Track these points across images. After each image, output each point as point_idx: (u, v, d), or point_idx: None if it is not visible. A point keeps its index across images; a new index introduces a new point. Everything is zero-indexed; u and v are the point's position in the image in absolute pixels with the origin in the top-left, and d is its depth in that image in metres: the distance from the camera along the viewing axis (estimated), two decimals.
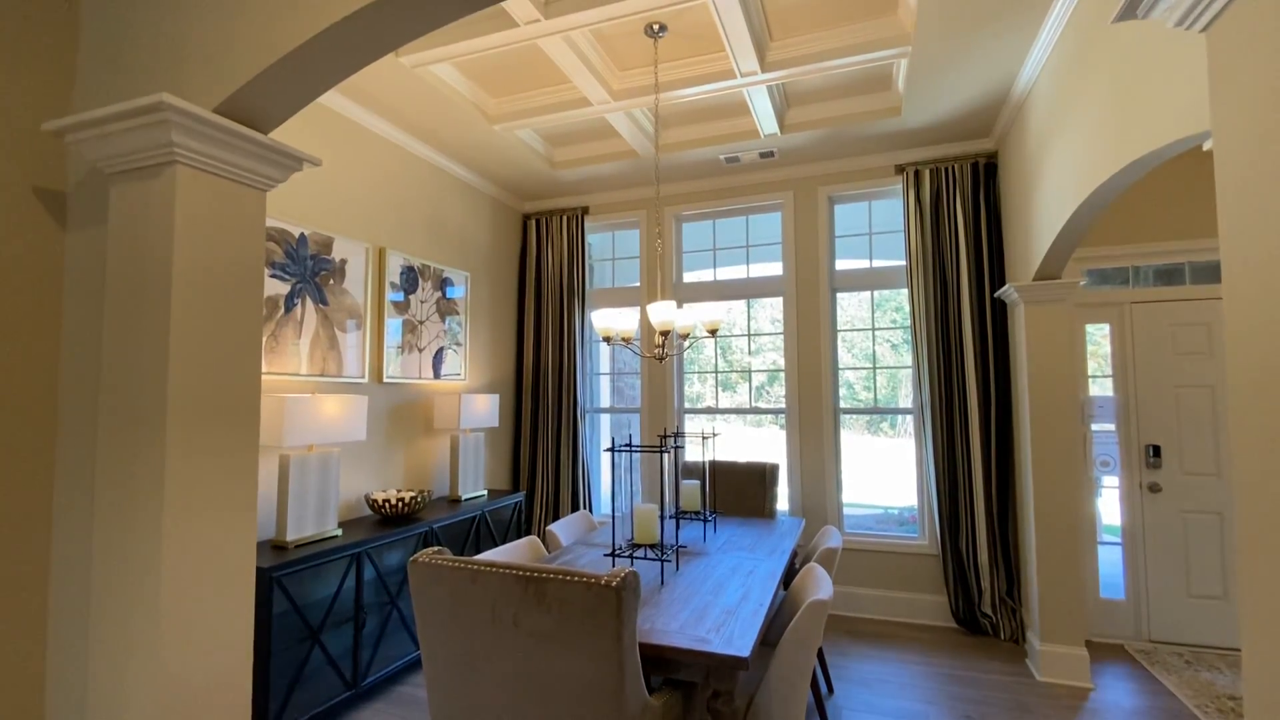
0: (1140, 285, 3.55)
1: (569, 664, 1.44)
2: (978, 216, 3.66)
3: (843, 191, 4.10)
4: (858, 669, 3.15)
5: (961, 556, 3.63)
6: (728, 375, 4.61)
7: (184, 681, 1.17)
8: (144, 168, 1.21)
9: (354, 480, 3.28)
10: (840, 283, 4.15)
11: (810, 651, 1.94)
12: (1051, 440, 3.05)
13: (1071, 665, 2.96)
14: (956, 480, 3.66)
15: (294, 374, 2.93)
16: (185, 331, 1.20)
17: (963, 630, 3.65)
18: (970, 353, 3.61)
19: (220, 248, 1.26)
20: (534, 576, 1.45)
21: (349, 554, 2.71)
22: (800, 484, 4.11)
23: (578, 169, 4.15)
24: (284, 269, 2.89)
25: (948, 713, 2.71)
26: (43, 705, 1.32)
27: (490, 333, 4.50)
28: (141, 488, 1.16)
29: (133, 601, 1.17)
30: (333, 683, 2.64)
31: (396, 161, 3.63)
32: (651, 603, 2.02)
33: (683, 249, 4.62)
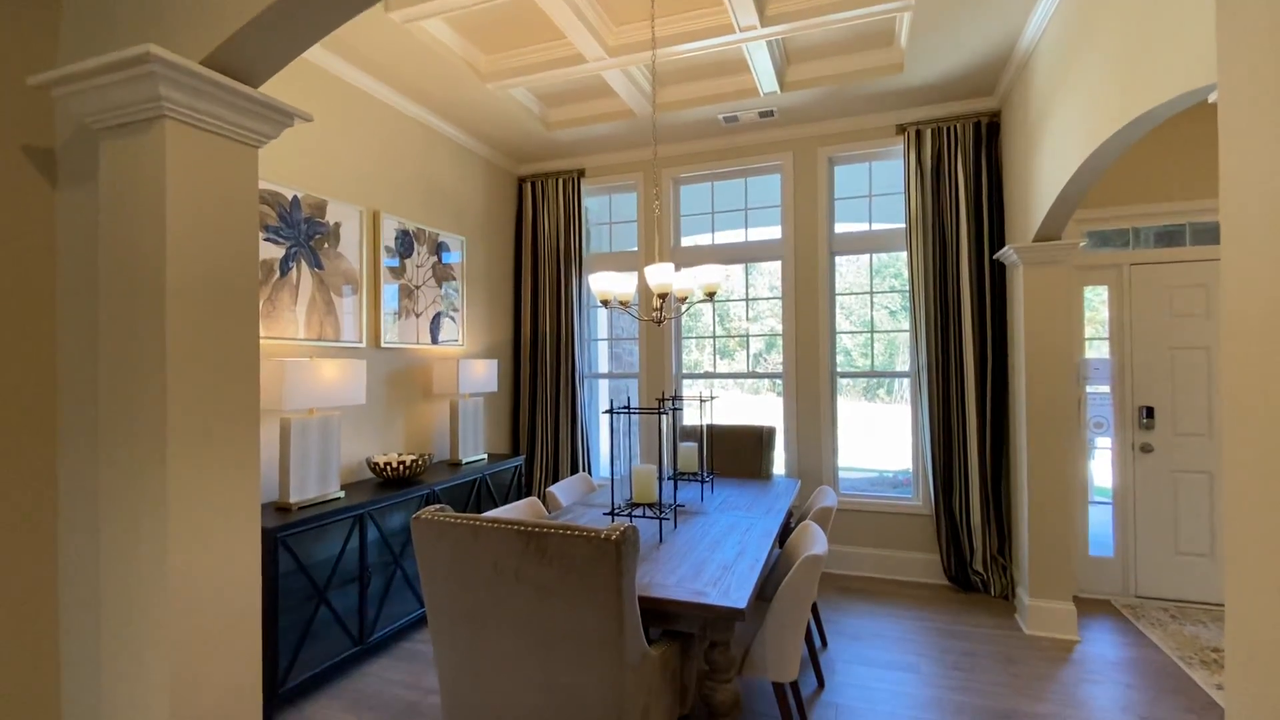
0: (1141, 247, 3.54)
1: (570, 616, 1.48)
2: (979, 177, 3.61)
3: (843, 152, 4.05)
4: (851, 624, 3.24)
5: (955, 516, 3.70)
6: (725, 342, 4.62)
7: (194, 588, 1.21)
8: (133, 123, 1.19)
9: (355, 444, 3.31)
10: (839, 246, 4.12)
11: (805, 605, 1.99)
12: (1046, 402, 3.08)
13: (1059, 619, 3.04)
14: (951, 442, 3.71)
15: (291, 338, 2.92)
16: (181, 290, 1.19)
17: (954, 587, 3.74)
18: (968, 315, 3.61)
19: (214, 204, 1.25)
20: (535, 532, 1.47)
21: (352, 515, 2.75)
22: (796, 448, 4.15)
23: (573, 129, 4.08)
24: (278, 232, 2.86)
25: (937, 664, 2.80)
26: (56, 640, 1.36)
27: (487, 298, 4.49)
28: (145, 438, 1.18)
29: (140, 528, 1.19)
30: (340, 639, 2.71)
31: (389, 122, 3.56)
32: (650, 559, 2.06)
33: (680, 212, 4.57)
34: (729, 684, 1.75)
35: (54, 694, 1.35)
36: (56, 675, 1.35)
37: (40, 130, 1.33)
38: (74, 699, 1.34)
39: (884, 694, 2.56)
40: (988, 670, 2.74)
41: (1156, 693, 2.54)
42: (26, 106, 1.32)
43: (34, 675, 1.31)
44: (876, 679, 2.68)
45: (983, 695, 2.53)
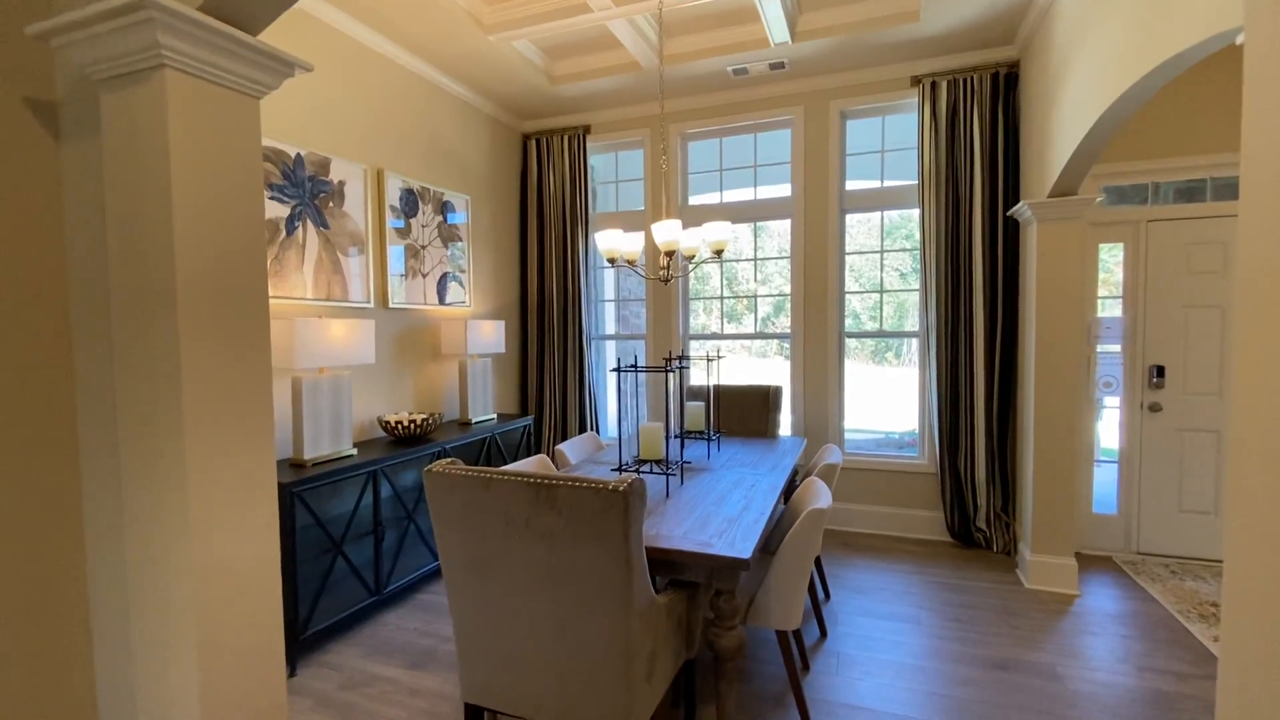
0: (1160, 203, 3.45)
1: (579, 564, 1.52)
2: (995, 131, 3.52)
3: (855, 106, 3.94)
4: (854, 577, 3.31)
5: (959, 474, 3.73)
6: (733, 306, 4.59)
7: (218, 562, 1.25)
8: (133, 72, 1.18)
9: (366, 403, 3.35)
10: (850, 203, 4.06)
11: (808, 556, 2.04)
12: (1055, 361, 3.06)
13: (1059, 574, 3.09)
14: (959, 401, 3.71)
15: (300, 298, 2.94)
16: (189, 243, 1.19)
17: (957, 544, 3.80)
18: (979, 273, 3.57)
19: (218, 156, 1.24)
20: (544, 484, 1.50)
21: (366, 471, 2.80)
22: (803, 408, 4.17)
23: (578, 83, 3.99)
24: (282, 190, 2.84)
25: (938, 616, 2.87)
26: (87, 599, 1.41)
27: (493, 258, 4.47)
28: (160, 386, 1.20)
29: (160, 487, 1.22)
30: (357, 590, 2.80)
31: (390, 77, 3.49)
32: (657, 513, 2.10)
33: (688, 170, 4.49)
34: (734, 630, 1.80)
35: (86, 655, 1.41)
36: (88, 637, 1.41)
37: (41, 83, 1.32)
38: (105, 662, 1.40)
39: (884, 643, 2.63)
40: (987, 622, 2.80)
41: (1154, 644, 2.60)
42: (27, 58, 1.30)
43: (66, 638, 1.37)
44: (878, 629, 2.75)
45: (982, 645, 2.60)
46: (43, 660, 1.35)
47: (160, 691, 1.27)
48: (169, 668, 1.25)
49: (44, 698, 1.35)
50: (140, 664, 1.29)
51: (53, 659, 1.36)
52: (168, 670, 1.25)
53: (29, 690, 1.33)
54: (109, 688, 1.41)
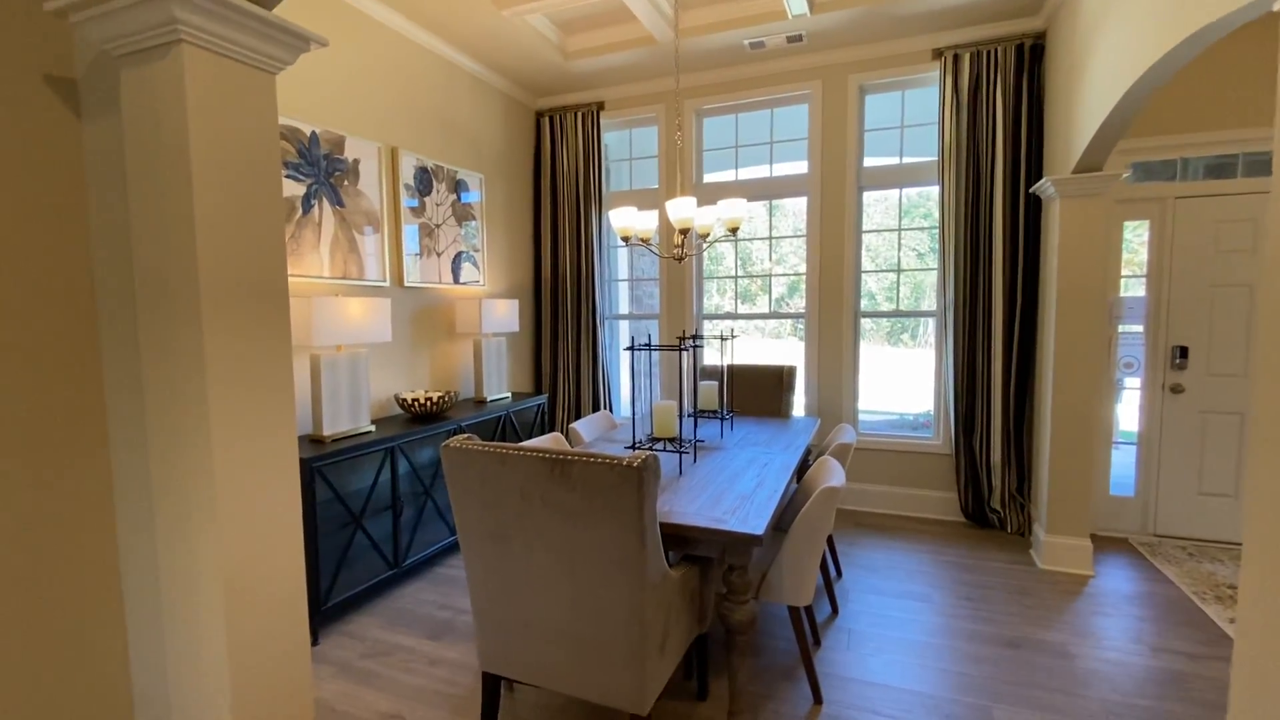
0: (1189, 179, 3.36)
1: (594, 538, 1.54)
2: (1018, 105, 3.43)
3: (875, 80, 3.86)
4: (866, 556, 3.32)
5: (974, 455, 3.71)
6: (747, 285, 4.57)
7: (242, 551, 1.29)
8: (151, 48, 1.18)
9: (383, 381, 3.39)
10: (868, 180, 3.99)
11: (820, 534, 2.05)
12: (1075, 341, 3.02)
13: (1074, 555, 3.08)
14: (975, 381, 3.67)
15: (317, 276, 2.96)
16: (210, 218, 1.21)
17: (970, 524, 3.79)
18: (999, 251, 3.51)
19: (236, 132, 1.25)
20: (559, 459, 1.52)
21: (384, 448, 2.85)
22: (817, 389, 4.16)
23: (592, 59, 3.94)
24: (298, 169, 2.85)
25: (949, 595, 2.87)
26: (119, 575, 1.46)
27: (507, 237, 4.47)
28: (183, 366, 1.22)
29: (186, 463, 1.26)
30: (376, 563, 2.87)
31: (405, 55, 3.47)
32: (671, 489, 2.12)
33: (703, 147, 4.44)
34: (746, 605, 1.82)
35: (118, 609, 1.46)
36: (119, 594, 1.46)
37: (62, 60, 1.33)
38: (137, 616, 1.45)
39: (896, 621, 2.65)
40: (999, 601, 2.81)
41: (1168, 625, 2.59)
42: (46, 35, 1.31)
43: (100, 608, 1.42)
44: (889, 607, 2.77)
45: (994, 624, 2.60)
46: (78, 630, 1.40)
47: (190, 659, 1.31)
48: (199, 637, 1.29)
49: (80, 663, 1.41)
50: (169, 633, 1.34)
51: (87, 628, 1.41)
52: (198, 639, 1.30)
53: (67, 659, 1.38)
54: (141, 656, 1.46)
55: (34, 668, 1.33)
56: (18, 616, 1.30)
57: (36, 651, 1.33)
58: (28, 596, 1.32)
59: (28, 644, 1.32)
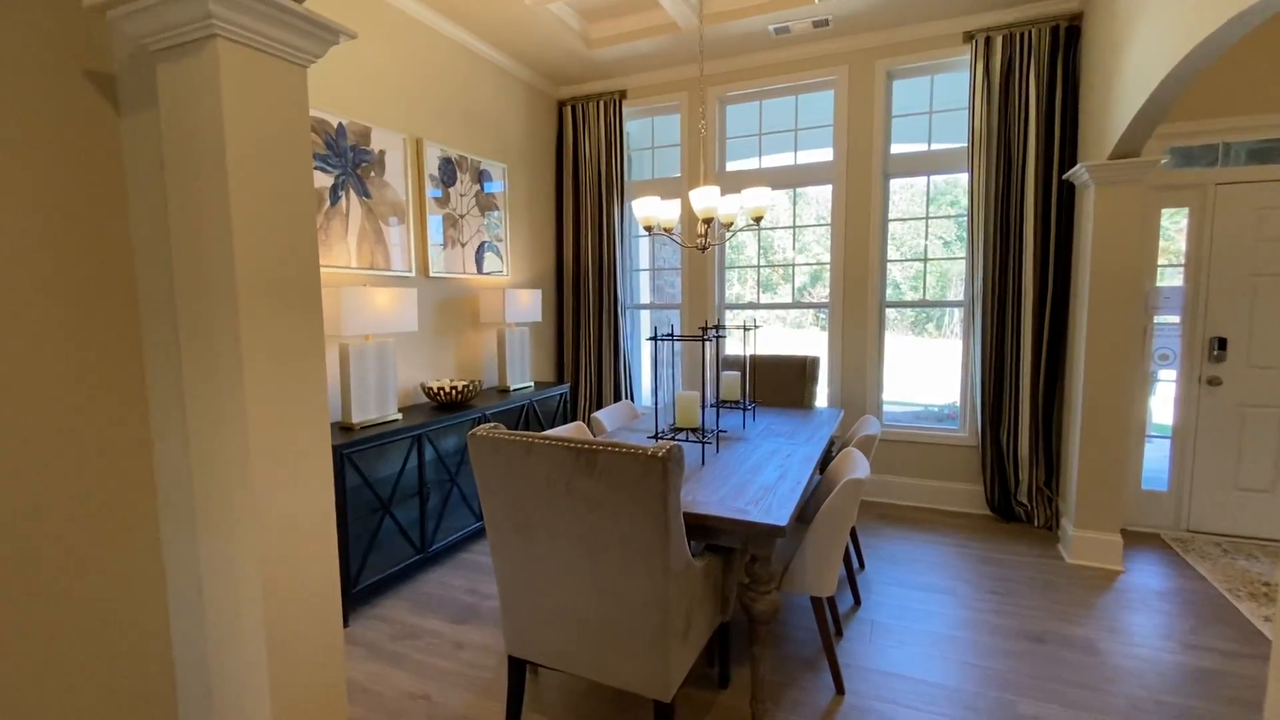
0: (1231, 164, 3.24)
1: (618, 527, 1.55)
2: (1052, 90, 3.34)
3: (903, 65, 3.78)
4: (889, 548, 3.30)
5: (1001, 447, 3.65)
6: (769, 276, 4.53)
7: (280, 517, 1.33)
8: (186, 43, 1.20)
9: (409, 370, 3.44)
10: (895, 167, 3.92)
11: (844, 526, 2.04)
12: (1109, 332, 2.94)
13: (1103, 549, 3.03)
14: (1003, 372, 3.61)
15: (344, 267, 3.01)
16: (245, 210, 1.23)
17: (996, 517, 3.74)
18: (1030, 240, 3.43)
19: (269, 125, 1.27)
20: (585, 448, 1.53)
21: (410, 435, 2.90)
22: (841, 380, 4.12)
23: (615, 47, 3.91)
24: (326, 160, 2.89)
25: (974, 588, 2.85)
26: (158, 527, 1.51)
27: (529, 227, 4.48)
28: (221, 356, 1.26)
29: (225, 452, 1.30)
30: (403, 548, 2.93)
31: (428, 45, 3.49)
32: (693, 480, 2.13)
33: (726, 135, 4.40)
34: (769, 595, 1.83)
35: (161, 589, 1.52)
36: (162, 575, 1.51)
37: (100, 56, 1.36)
38: (176, 580, 1.50)
39: (919, 613, 2.63)
40: (1025, 595, 2.77)
41: (1199, 622, 2.54)
42: (85, 31, 1.34)
43: (140, 557, 1.48)
44: (912, 599, 2.75)
45: (1018, 618, 2.58)
46: (123, 608, 1.46)
47: (230, 630, 1.36)
48: (237, 619, 1.34)
49: (124, 634, 1.47)
50: (209, 616, 1.38)
51: (131, 608, 1.47)
52: (236, 621, 1.34)
53: (112, 637, 1.44)
54: (182, 632, 1.52)
55: (82, 645, 1.39)
56: (67, 595, 1.36)
57: (84, 630, 1.39)
58: (76, 578, 1.37)
59: (77, 624, 1.38)
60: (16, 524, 1.27)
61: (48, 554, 1.32)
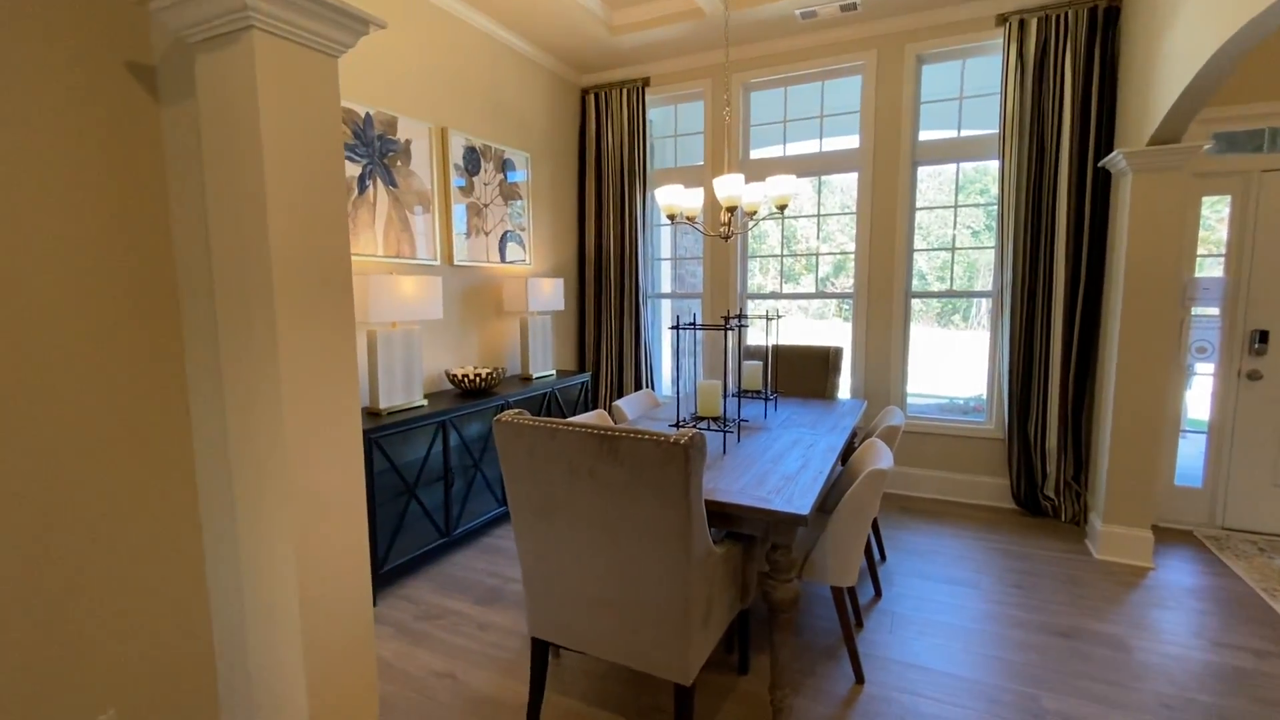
0: (1279, 151, 3.12)
1: (640, 512, 1.57)
2: (1088, 74, 3.24)
3: (933, 49, 3.70)
4: (912, 540, 3.28)
5: (1029, 440, 3.59)
6: (791, 265, 4.49)
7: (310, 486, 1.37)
8: (223, 34, 1.23)
9: (434, 357, 3.50)
10: (923, 154, 3.85)
11: (866, 516, 2.03)
12: (1143, 324, 2.87)
13: (1133, 545, 2.97)
14: (1032, 364, 3.55)
15: (372, 255, 3.06)
16: (280, 197, 1.26)
17: (1022, 511, 3.69)
18: (1062, 229, 3.35)
19: (303, 115, 1.30)
20: (608, 435, 1.55)
21: (435, 421, 2.95)
22: (864, 371, 4.08)
23: (638, 33, 3.89)
24: (354, 150, 2.93)
25: (997, 582, 2.82)
26: (197, 502, 1.57)
27: (552, 216, 4.50)
28: (257, 341, 1.29)
29: (261, 426, 1.34)
30: (429, 531, 2.99)
31: (453, 34, 3.50)
32: (715, 468, 2.14)
33: (750, 122, 4.35)
34: (789, 583, 1.83)
35: (197, 549, 1.58)
36: (199, 539, 1.57)
37: (140, 48, 1.40)
38: (214, 561, 1.56)
39: (940, 605, 2.62)
40: (1050, 590, 2.74)
41: (1232, 620, 2.48)
42: (126, 23, 1.38)
43: (181, 539, 1.53)
44: (934, 592, 2.74)
45: (1043, 613, 2.55)
46: (165, 584, 1.52)
47: (266, 606, 1.41)
48: (273, 585, 1.39)
49: (167, 611, 1.53)
50: (247, 594, 1.44)
51: (173, 582, 1.53)
52: (271, 587, 1.39)
53: (156, 607, 1.50)
54: (221, 609, 1.58)
55: (128, 620, 1.45)
56: (115, 574, 1.42)
57: (129, 607, 1.45)
58: (124, 558, 1.43)
59: (123, 601, 1.44)
60: (69, 505, 1.33)
61: (99, 534, 1.38)
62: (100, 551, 1.39)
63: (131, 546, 1.45)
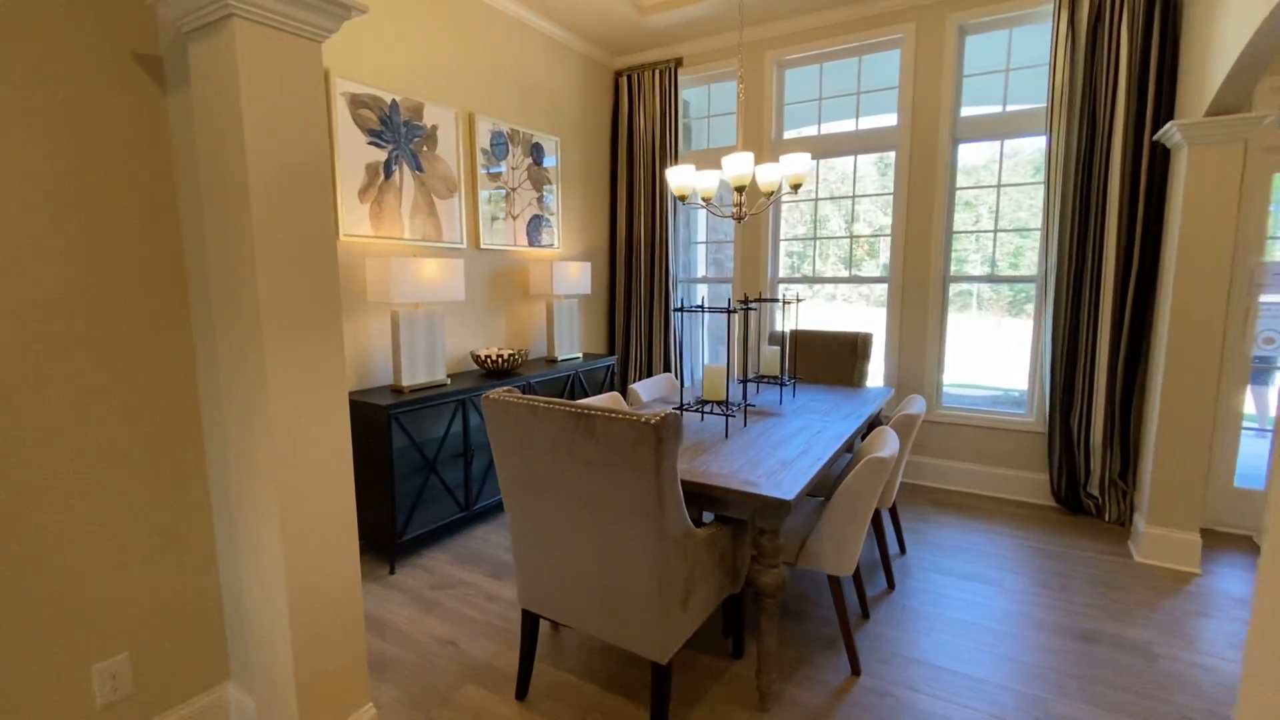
0: None
1: (615, 491, 1.58)
2: (1146, 42, 2.98)
3: (977, 19, 3.49)
4: (937, 534, 3.17)
5: (1071, 435, 3.39)
6: (824, 249, 4.36)
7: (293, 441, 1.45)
8: (210, 23, 1.30)
9: (461, 338, 3.59)
10: (965, 131, 3.65)
11: (864, 505, 1.98)
12: (1196, 310, 2.65)
13: (1178, 549, 2.78)
14: (1077, 353, 3.34)
15: (398, 238, 3.16)
16: (261, 177, 1.33)
17: (1062, 509, 3.50)
18: (1114, 210, 3.12)
19: (283, 98, 1.35)
20: (584, 414, 1.56)
21: (456, 399, 3.04)
22: (898, 358, 3.94)
23: (669, 13, 3.84)
24: (380, 136, 3.03)
25: (1024, 581, 2.69)
26: (205, 466, 1.69)
27: (582, 200, 4.52)
28: (244, 314, 1.37)
29: (250, 403, 1.42)
30: (448, 505, 3.09)
31: (481, 19, 3.55)
32: (712, 451, 2.12)
33: (784, 101, 4.23)
34: (775, 569, 1.81)
35: (208, 503, 1.69)
36: (207, 492, 1.68)
37: (147, 38, 1.49)
38: (221, 511, 1.67)
39: (956, 601, 2.52)
40: (1080, 592, 2.59)
41: None
42: (135, 15, 1.47)
43: (192, 491, 1.65)
44: (951, 587, 2.64)
45: (1068, 614, 2.42)
46: (179, 538, 1.64)
47: (254, 549, 1.51)
48: (259, 534, 1.48)
49: (180, 552, 1.66)
50: (241, 540, 1.54)
51: (184, 537, 1.66)
52: (260, 534, 1.48)
53: (173, 547, 1.63)
54: (227, 551, 1.69)
55: (153, 560, 1.58)
56: (140, 527, 1.55)
57: (153, 546, 1.58)
58: (145, 506, 1.56)
59: (150, 541, 1.57)
60: (103, 462, 1.45)
61: (126, 487, 1.51)
62: (130, 501, 1.52)
63: (146, 496, 1.57)
